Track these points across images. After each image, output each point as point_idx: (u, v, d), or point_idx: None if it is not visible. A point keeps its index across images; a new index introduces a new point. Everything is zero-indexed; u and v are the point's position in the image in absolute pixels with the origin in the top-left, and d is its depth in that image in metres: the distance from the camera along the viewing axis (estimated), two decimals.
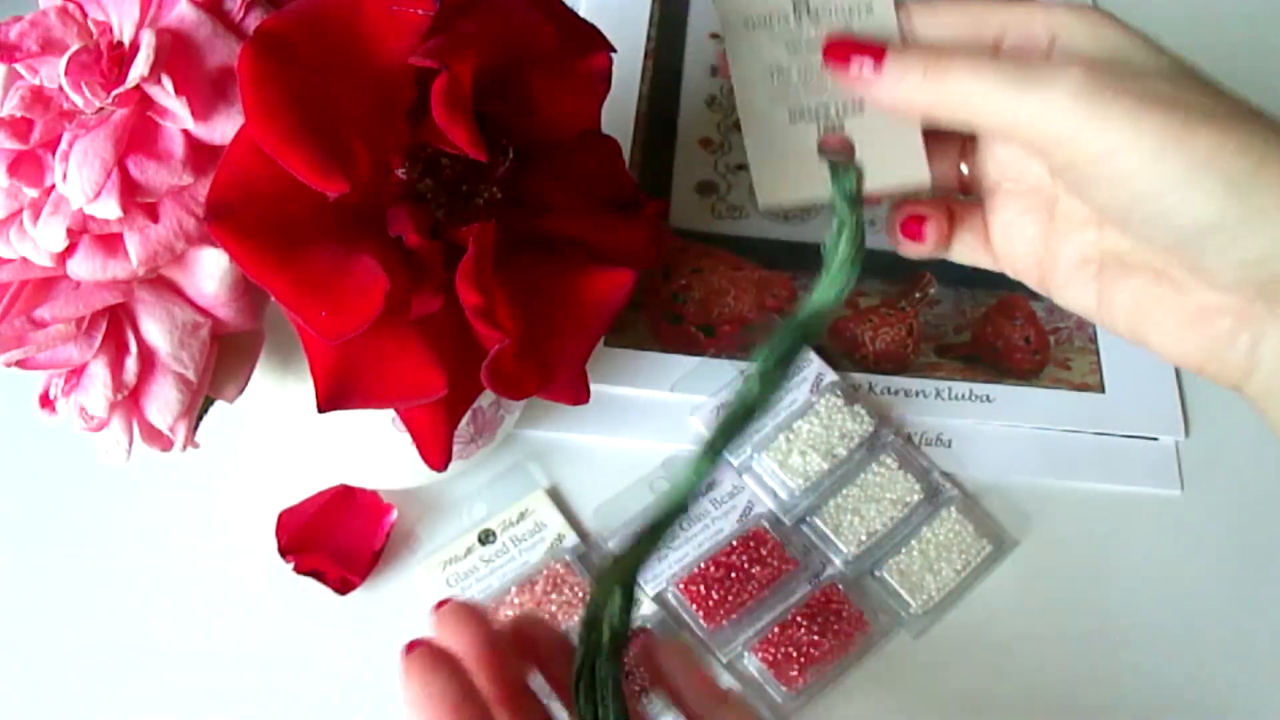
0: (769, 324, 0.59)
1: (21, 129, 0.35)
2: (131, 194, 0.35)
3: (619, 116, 0.66)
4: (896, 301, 0.61)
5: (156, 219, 0.36)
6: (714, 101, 0.68)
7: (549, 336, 0.39)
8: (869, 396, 0.58)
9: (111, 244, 0.36)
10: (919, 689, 0.51)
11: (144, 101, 0.35)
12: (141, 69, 0.34)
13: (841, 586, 0.52)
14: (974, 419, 0.58)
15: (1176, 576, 0.55)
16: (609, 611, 0.37)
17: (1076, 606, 0.53)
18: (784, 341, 0.39)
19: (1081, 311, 0.40)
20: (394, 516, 0.52)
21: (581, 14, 0.42)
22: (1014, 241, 0.40)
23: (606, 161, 0.45)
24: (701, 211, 0.64)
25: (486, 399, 0.47)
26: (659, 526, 0.38)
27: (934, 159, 0.40)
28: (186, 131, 0.36)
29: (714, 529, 0.53)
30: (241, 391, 0.41)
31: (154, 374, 0.38)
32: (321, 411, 0.37)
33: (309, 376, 0.37)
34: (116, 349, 0.37)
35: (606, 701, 0.36)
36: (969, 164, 0.41)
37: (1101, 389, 0.59)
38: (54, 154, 0.35)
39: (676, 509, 0.38)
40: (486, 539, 0.52)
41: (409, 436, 0.40)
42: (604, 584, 0.37)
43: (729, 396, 0.50)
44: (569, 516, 0.53)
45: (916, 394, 0.58)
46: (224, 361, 0.39)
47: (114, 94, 0.35)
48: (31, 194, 0.36)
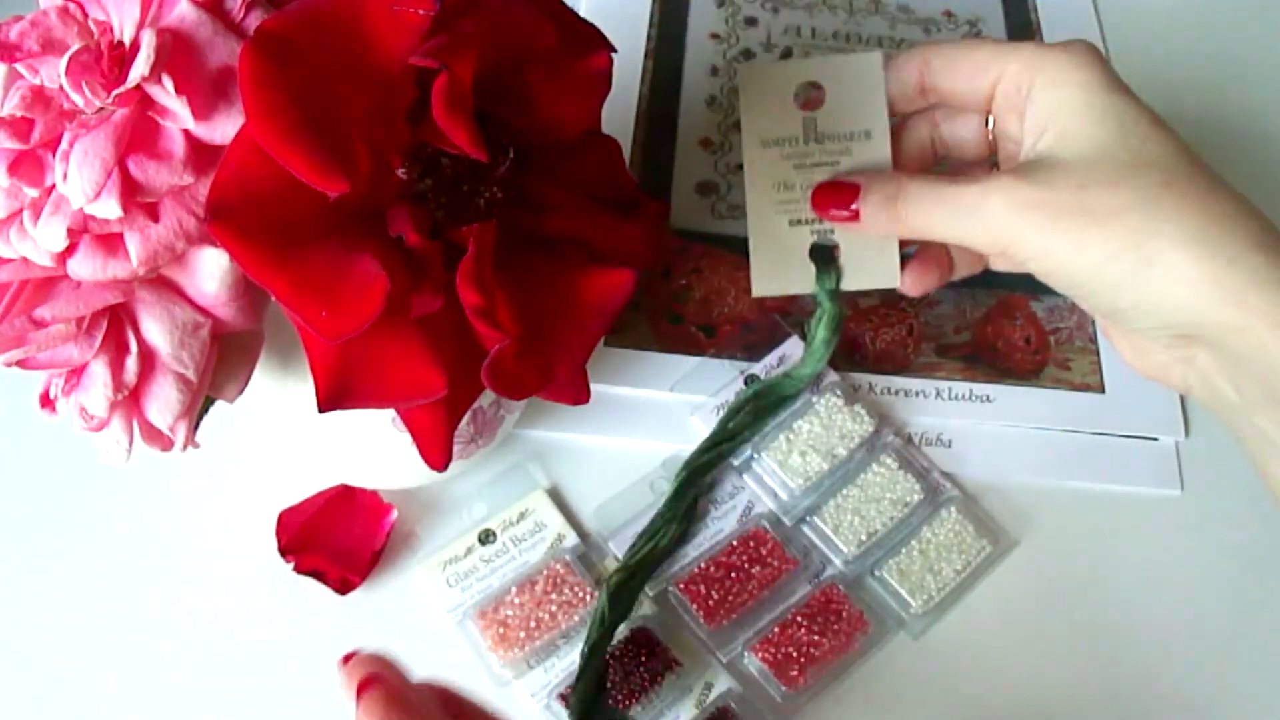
0: (769, 324, 0.59)
1: (22, 129, 0.35)
2: (132, 194, 0.35)
3: (619, 116, 0.66)
4: (897, 302, 0.61)
5: (157, 219, 0.36)
6: (714, 101, 0.68)
7: (549, 336, 0.39)
8: (869, 396, 0.58)
9: (112, 244, 0.36)
10: (919, 689, 0.51)
11: (144, 101, 0.35)
12: (142, 69, 0.34)
13: (841, 586, 0.52)
14: (974, 419, 0.58)
15: (1176, 576, 0.55)
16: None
17: (1076, 606, 0.53)
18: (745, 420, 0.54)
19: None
20: (394, 516, 0.52)
21: (581, 14, 0.42)
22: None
23: (607, 161, 0.45)
24: (701, 211, 0.64)
25: (487, 399, 0.47)
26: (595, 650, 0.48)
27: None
28: (187, 131, 0.36)
29: (714, 529, 0.53)
30: (241, 391, 0.41)
31: (154, 374, 0.38)
32: (322, 411, 0.37)
33: (309, 376, 0.37)
34: (117, 349, 0.37)
35: None
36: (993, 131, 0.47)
37: (1102, 389, 0.59)
38: (54, 154, 0.35)
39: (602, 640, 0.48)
40: (486, 539, 0.52)
41: (409, 436, 0.40)
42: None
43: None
44: (569, 516, 0.53)
45: (916, 394, 0.58)
46: (224, 361, 0.39)
47: (114, 94, 0.35)
48: (32, 194, 0.36)
